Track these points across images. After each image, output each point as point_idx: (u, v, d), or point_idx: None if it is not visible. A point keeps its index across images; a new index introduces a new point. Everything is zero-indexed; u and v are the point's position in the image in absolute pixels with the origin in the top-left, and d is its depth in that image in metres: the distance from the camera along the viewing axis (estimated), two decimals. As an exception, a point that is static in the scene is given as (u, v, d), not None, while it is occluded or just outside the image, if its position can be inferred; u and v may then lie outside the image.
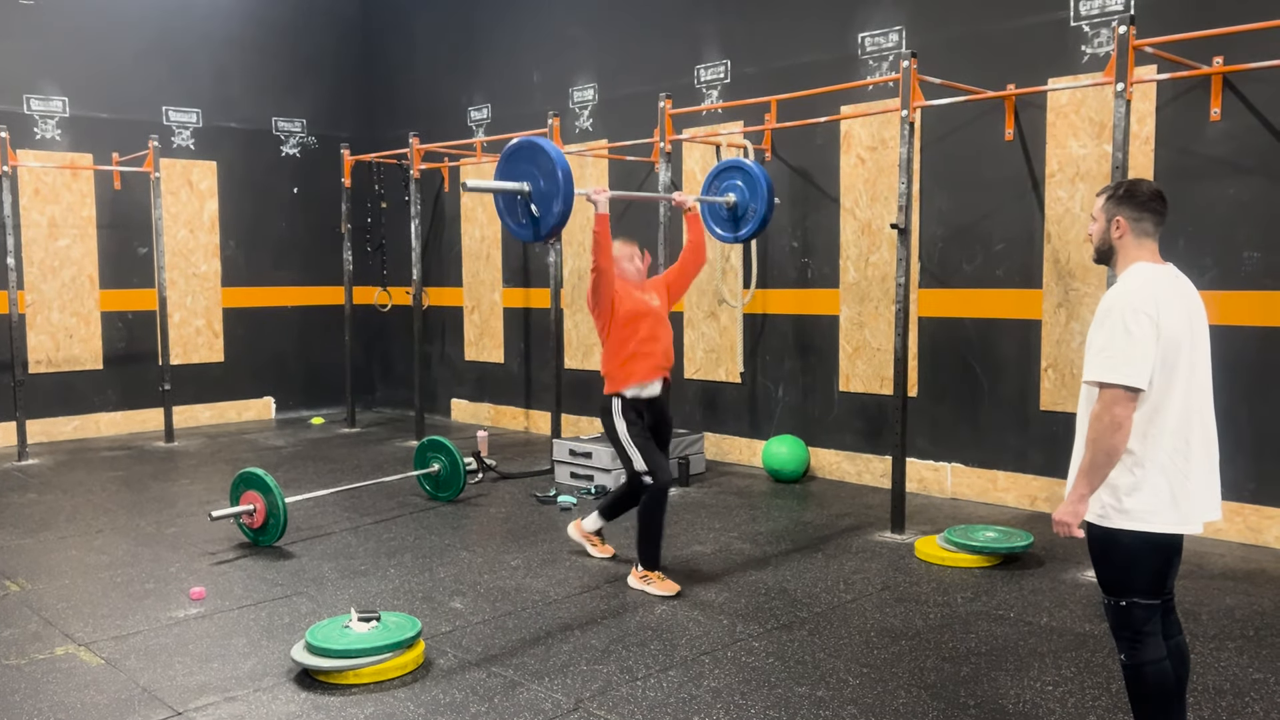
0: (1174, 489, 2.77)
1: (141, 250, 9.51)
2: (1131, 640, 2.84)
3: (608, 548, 5.33)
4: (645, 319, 4.90)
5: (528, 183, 4.31)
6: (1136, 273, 2.84)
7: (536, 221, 4.33)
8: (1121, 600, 2.83)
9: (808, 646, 4.10)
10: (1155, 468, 2.76)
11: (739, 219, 5.49)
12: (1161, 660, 2.84)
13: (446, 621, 4.44)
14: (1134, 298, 2.75)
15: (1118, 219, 2.88)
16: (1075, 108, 5.99)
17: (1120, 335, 2.71)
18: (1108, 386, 2.70)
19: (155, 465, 8.09)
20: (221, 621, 4.49)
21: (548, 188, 4.24)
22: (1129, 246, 2.88)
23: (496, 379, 9.91)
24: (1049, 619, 4.39)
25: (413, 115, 10.18)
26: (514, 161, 4.40)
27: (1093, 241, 2.96)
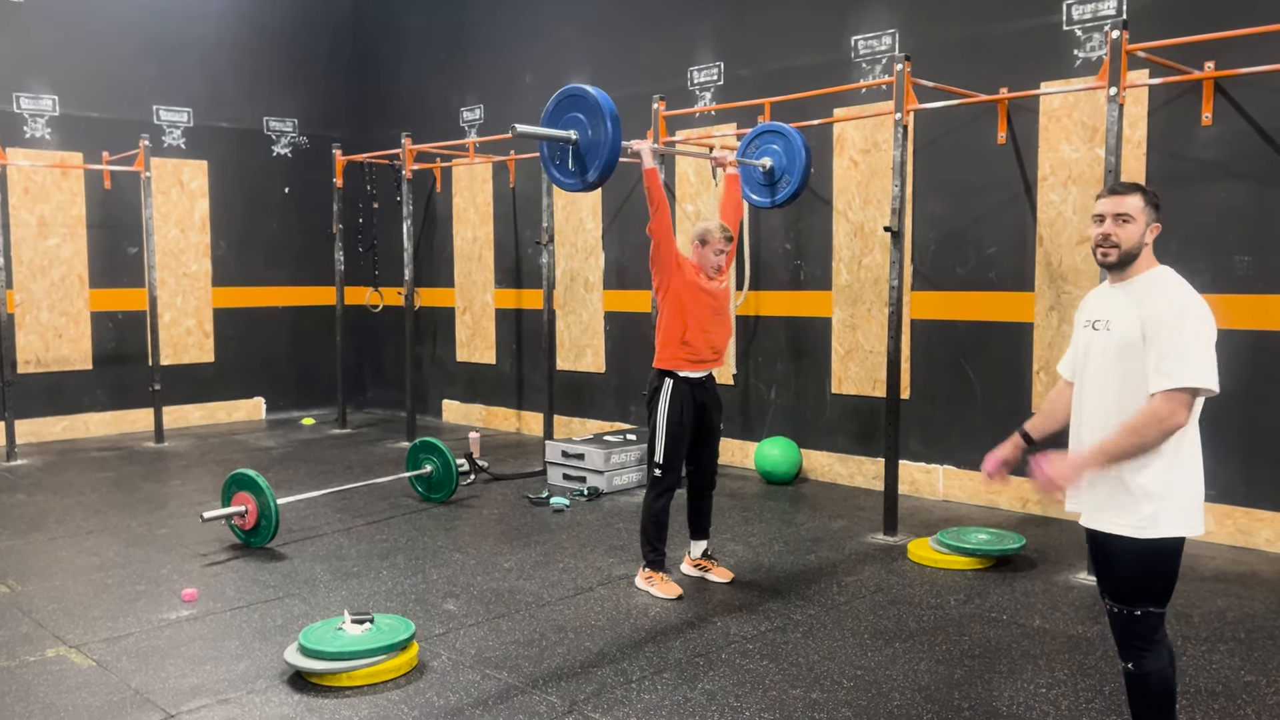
0: (1199, 494, 2.83)
1: (132, 250, 9.47)
2: (1141, 649, 2.83)
3: (724, 571, 5.03)
4: (706, 310, 4.79)
5: (575, 130, 4.19)
6: (1176, 276, 2.85)
7: (585, 170, 4.20)
8: (1137, 610, 2.82)
9: (802, 649, 4.11)
10: (1188, 474, 2.80)
11: (775, 183, 5.42)
12: (1166, 667, 2.85)
13: (440, 623, 4.43)
14: (1199, 302, 2.75)
15: (1155, 225, 2.89)
16: (1068, 111, 6.02)
17: (1200, 338, 2.72)
18: (1186, 390, 2.69)
19: (145, 466, 8.06)
20: (214, 623, 4.47)
21: (595, 136, 4.11)
22: (1149, 253, 2.89)
23: (488, 380, 9.90)
24: (1042, 621, 4.40)
25: (405, 115, 10.16)
26: (560, 110, 4.27)
27: (1121, 242, 2.84)
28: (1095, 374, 2.89)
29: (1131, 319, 2.80)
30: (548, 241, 7.69)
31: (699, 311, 4.78)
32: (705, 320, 4.80)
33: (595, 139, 4.15)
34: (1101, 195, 2.92)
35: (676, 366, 4.83)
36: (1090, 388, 2.91)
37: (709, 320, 4.82)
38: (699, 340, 4.80)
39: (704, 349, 4.82)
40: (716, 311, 4.87)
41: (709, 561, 5.06)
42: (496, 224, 9.63)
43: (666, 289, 4.76)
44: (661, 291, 4.79)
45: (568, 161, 4.28)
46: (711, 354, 4.87)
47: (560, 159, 4.32)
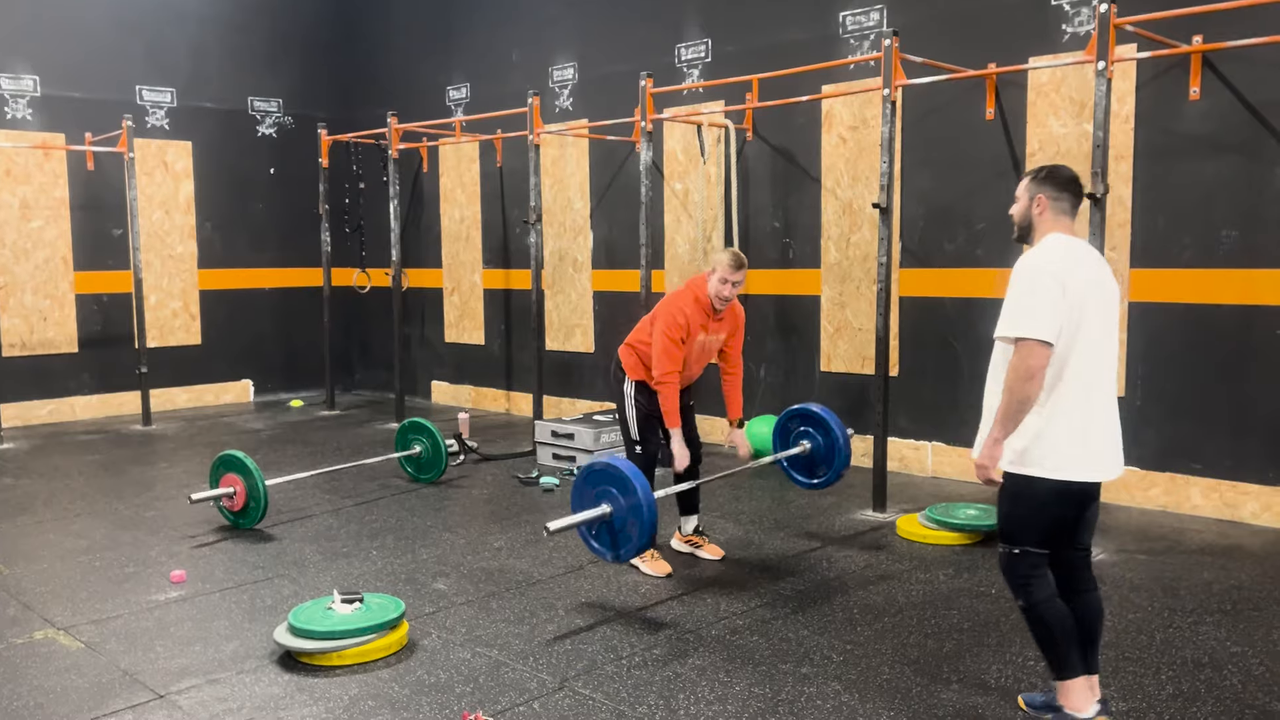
0: (1078, 440, 3.00)
1: (116, 232, 9.39)
2: (1022, 584, 3.09)
3: (715, 548, 5.03)
4: (691, 357, 4.86)
5: (608, 505, 4.21)
6: (1050, 241, 3.09)
7: (619, 544, 4.23)
8: (1015, 549, 3.09)
9: (791, 624, 4.12)
10: (1062, 419, 2.98)
11: (814, 468, 5.30)
12: (1053, 597, 3.08)
13: (430, 603, 4.42)
14: (1044, 262, 3.00)
15: (1039, 197, 3.13)
16: (1056, 87, 6.00)
17: (1030, 294, 2.95)
18: (1022, 340, 2.92)
19: (133, 449, 8.02)
20: (203, 604, 4.45)
21: (630, 505, 4.14)
22: (1047, 222, 3.14)
23: (477, 361, 9.87)
24: (1030, 595, 4.42)
25: (391, 95, 10.07)
26: (590, 482, 4.29)
27: (1014, 215, 3.22)
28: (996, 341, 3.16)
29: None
30: (535, 221, 7.65)
31: (690, 362, 4.87)
32: (687, 361, 4.86)
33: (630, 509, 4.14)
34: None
35: (644, 380, 4.89)
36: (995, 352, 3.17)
37: (690, 362, 4.89)
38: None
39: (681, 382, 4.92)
40: (701, 357, 4.94)
41: (700, 538, 5.07)
42: (484, 203, 9.59)
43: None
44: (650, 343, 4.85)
45: (604, 534, 4.29)
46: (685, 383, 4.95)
47: (596, 531, 4.32)
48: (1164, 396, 5.76)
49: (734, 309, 4.95)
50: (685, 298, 4.77)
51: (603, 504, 4.23)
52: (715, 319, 4.83)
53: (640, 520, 4.11)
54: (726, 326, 4.92)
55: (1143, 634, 3.98)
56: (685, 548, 5.06)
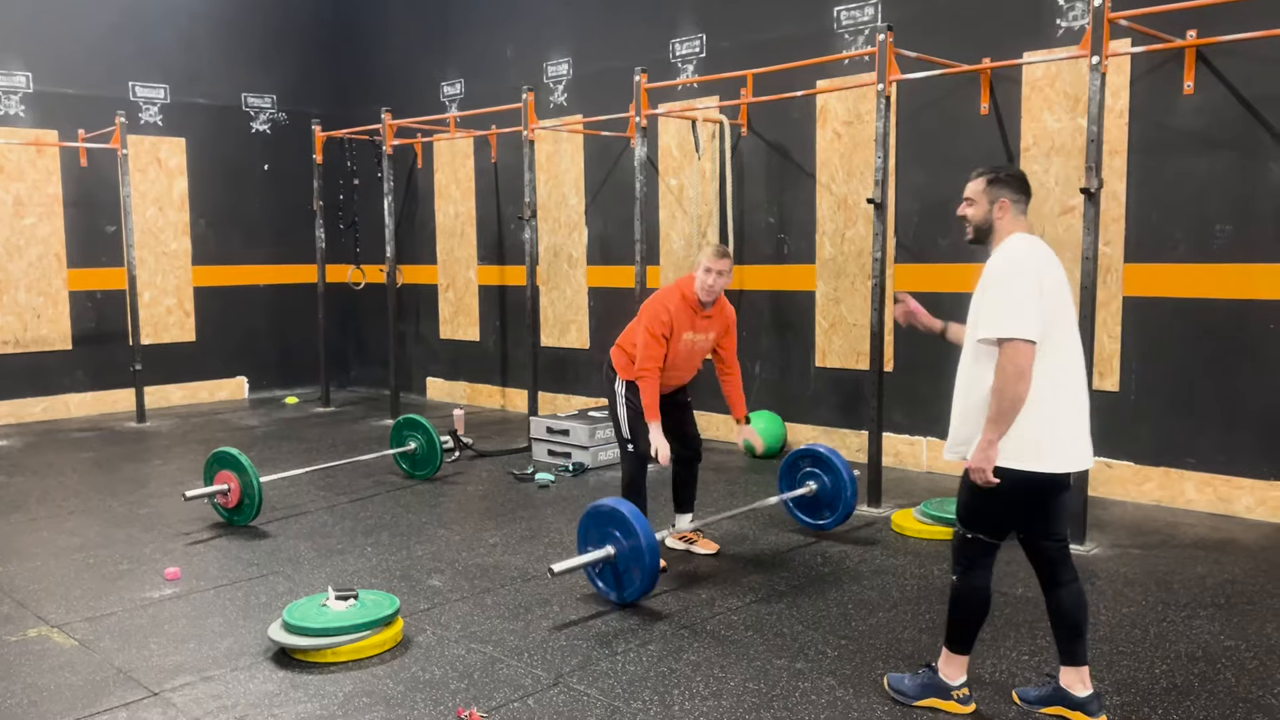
0: (1045, 433, 3.04)
1: (110, 229, 9.37)
2: (965, 566, 3.21)
3: (709, 543, 5.05)
4: (680, 357, 4.81)
5: (611, 546, 4.24)
6: (1018, 242, 3.14)
7: (624, 583, 4.26)
8: (969, 533, 3.19)
9: (786, 619, 4.12)
10: (1031, 413, 3.02)
11: (819, 509, 5.27)
12: (985, 589, 3.22)
13: (425, 599, 4.42)
14: (1021, 263, 3.05)
15: (1003, 200, 3.18)
16: (1050, 82, 6.00)
17: (1013, 294, 3.00)
18: (1008, 341, 2.97)
19: (127, 446, 8.01)
20: (197, 602, 4.45)
21: (632, 547, 4.17)
22: (1008, 223, 3.18)
23: (472, 357, 9.86)
24: (1024, 590, 4.42)
25: (385, 91, 10.06)
26: (595, 523, 4.33)
27: (970, 221, 3.24)
28: (966, 333, 3.24)
29: (980, 284, 3.16)
30: (530, 217, 7.65)
31: (673, 356, 4.78)
32: (675, 362, 4.80)
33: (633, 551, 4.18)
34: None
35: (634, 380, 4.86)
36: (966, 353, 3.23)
37: (679, 363, 4.83)
38: (665, 378, 4.82)
39: (669, 386, 4.89)
40: (690, 358, 4.88)
41: (694, 534, 5.06)
42: (479, 199, 9.57)
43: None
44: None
45: (608, 574, 4.33)
46: (667, 390, 4.90)
47: (600, 570, 4.36)
48: (1158, 391, 5.77)
49: (723, 309, 4.90)
50: (671, 295, 4.75)
51: (607, 545, 4.25)
52: (703, 316, 4.77)
53: (642, 565, 4.14)
54: (716, 326, 4.86)
55: (1137, 628, 3.98)
56: (680, 545, 5.06)
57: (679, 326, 4.73)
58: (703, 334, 4.83)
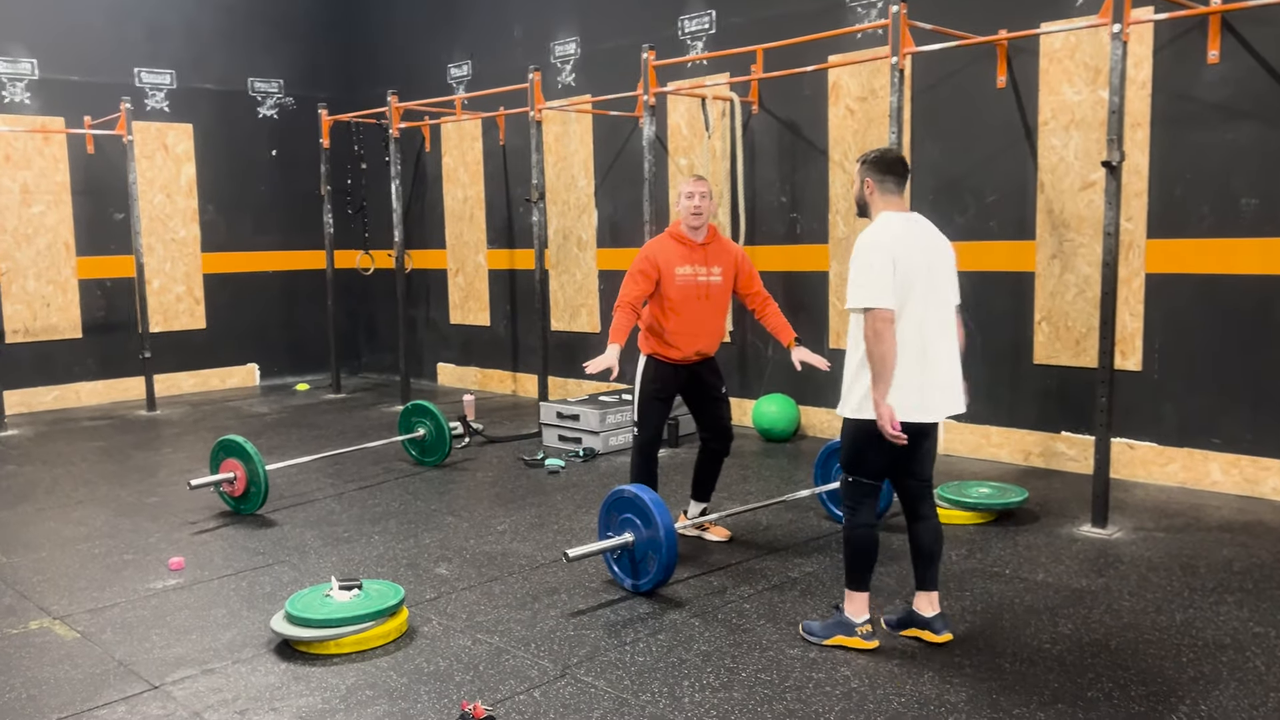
0: (910, 388, 3.42)
1: (118, 216, 9.31)
2: (851, 507, 3.60)
3: (721, 530, 4.94)
4: (690, 304, 4.58)
5: (630, 533, 4.16)
6: (881, 220, 3.53)
7: (640, 571, 4.17)
8: (850, 477, 3.60)
9: (799, 608, 4.02)
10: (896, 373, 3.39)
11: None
12: (871, 526, 3.60)
13: (431, 588, 4.34)
14: (875, 239, 3.43)
15: (867, 180, 3.56)
16: (1069, 53, 5.83)
17: (869, 268, 3.39)
18: (867, 310, 3.37)
19: (137, 434, 7.96)
20: (201, 592, 4.38)
21: (651, 536, 4.08)
22: (876, 202, 3.57)
23: (482, 342, 9.78)
24: (1045, 575, 4.31)
25: (391, 74, 9.95)
26: (615, 508, 4.24)
27: (855, 198, 3.64)
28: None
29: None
30: (538, 199, 7.53)
31: (676, 298, 4.58)
32: (683, 305, 4.58)
33: (650, 538, 4.09)
34: None
35: (654, 353, 4.73)
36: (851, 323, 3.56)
37: (689, 307, 4.59)
38: (681, 340, 4.65)
39: (687, 350, 4.68)
40: (704, 300, 4.61)
41: (706, 520, 4.96)
42: (487, 182, 9.46)
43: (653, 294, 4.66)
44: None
45: (625, 561, 4.25)
46: (696, 356, 4.71)
47: (618, 556, 4.28)
48: (1181, 370, 5.62)
49: (726, 245, 4.72)
50: (660, 235, 4.72)
51: (625, 532, 4.17)
52: (700, 249, 4.60)
53: (660, 555, 4.04)
54: (721, 262, 4.65)
55: (1162, 614, 3.86)
56: (692, 531, 4.96)
57: (668, 261, 4.57)
58: (704, 269, 4.61)
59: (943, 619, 3.65)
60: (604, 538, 4.28)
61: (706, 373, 4.79)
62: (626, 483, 4.74)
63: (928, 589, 3.65)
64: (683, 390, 4.80)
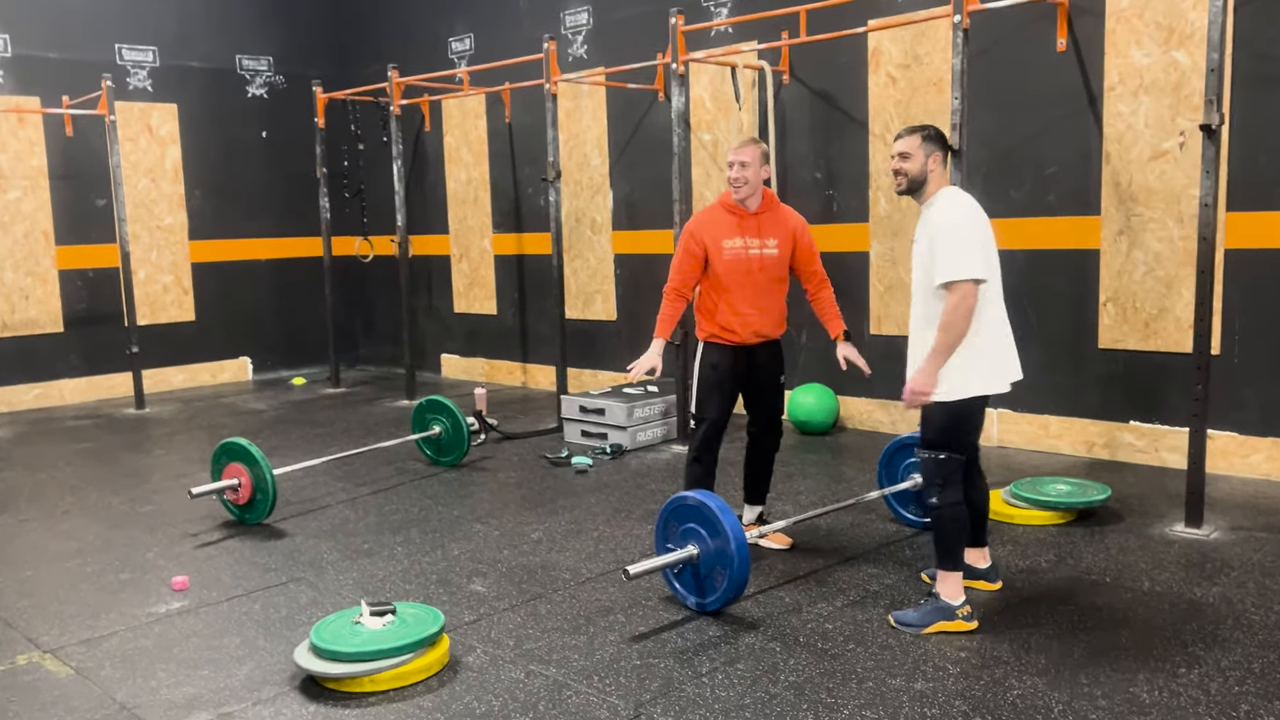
0: (998, 362, 3.55)
1: (100, 202, 8.76)
2: (941, 485, 3.53)
3: (782, 537, 4.46)
4: (741, 280, 4.17)
5: (694, 545, 3.71)
6: (955, 194, 3.57)
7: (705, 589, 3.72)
8: (941, 454, 3.53)
9: (884, 625, 3.58)
10: (988, 349, 3.50)
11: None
12: (962, 502, 3.56)
13: (469, 609, 3.88)
14: (963, 213, 3.47)
15: (936, 154, 3.55)
16: (1138, 11, 5.39)
17: (965, 241, 3.39)
18: (958, 283, 3.35)
19: (126, 435, 7.45)
20: (209, 617, 3.91)
21: (718, 549, 3.63)
22: (938, 178, 3.57)
23: (489, 332, 9.29)
24: (1151, 583, 3.89)
25: (389, 48, 9.40)
26: (676, 517, 3.79)
27: (907, 174, 3.56)
28: (915, 283, 3.62)
29: (922, 232, 3.53)
30: (555, 178, 7.04)
31: (736, 286, 4.19)
32: (734, 280, 4.18)
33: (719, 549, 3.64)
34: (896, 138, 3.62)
35: (711, 337, 4.31)
36: (913, 293, 3.64)
37: (739, 281, 4.18)
38: (735, 322, 4.23)
39: (744, 332, 4.24)
40: (751, 274, 4.18)
41: (762, 525, 4.52)
42: (492, 163, 8.96)
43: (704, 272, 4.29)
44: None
45: (689, 576, 3.81)
46: (756, 338, 4.27)
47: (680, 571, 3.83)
48: (1264, 353, 5.21)
49: (784, 214, 4.30)
50: (710, 205, 4.34)
51: (689, 544, 3.73)
52: (752, 219, 4.20)
53: (730, 570, 3.59)
54: (775, 232, 4.23)
55: (1297, 629, 3.45)
56: (749, 536, 4.50)
57: (715, 234, 4.18)
58: (756, 240, 4.19)
59: (995, 569, 3.86)
60: (663, 550, 3.83)
61: (767, 358, 4.36)
62: (661, 482, 4.31)
63: (981, 544, 3.83)
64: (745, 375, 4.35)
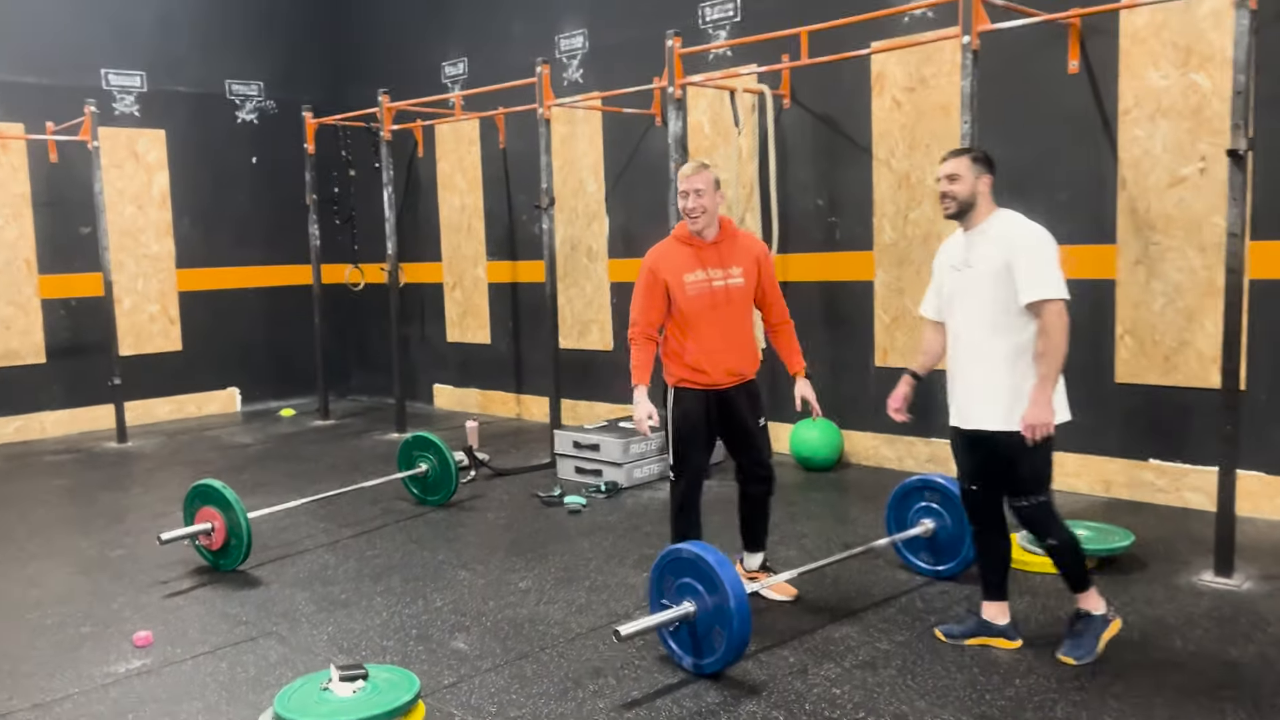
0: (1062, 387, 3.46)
1: (84, 230, 8.53)
2: (1056, 522, 3.47)
3: (786, 587, 4.15)
4: (708, 315, 3.92)
5: (690, 602, 3.45)
6: (1015, 215, 3.47)
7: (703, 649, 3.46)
8: (1042, 495, 3.45)
9: (902, 691, 3.31)
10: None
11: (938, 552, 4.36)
12: (1069, 529, 3.52)
13: (450, 669, 3.61)
14: (1040, 231, 3.40)
15: (985, 178, 3.46)
16: (1154, 32, 5.18)
17: (1051, 259, 3.34)
18: (1054, 301, 3.29)
19: (105, 471, 7.20)
20: (171, 678, 3.64)
21: (716, 606, 3.37)
22: (988, 200, 3.48)
23: (483, 362, 9.05)
24: (1184, 642, 3.62)
25: (381, 74, 9.19)
26: (671, 571, 3.54)
27: (957, 197, 3.45)
28: (967, 309, 3.48)
29: (992, 255, 3.39)
30: (548, 205, 6.82)
31: (704, 323, 3.93)
32: (698, 317, 3.92)
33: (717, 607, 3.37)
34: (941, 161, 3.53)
35: (681, 382, 4.03)
36: (962, 321, 3.50)
37: (704, 318, 3.93)
38: (706, 361, 3.97)
39: (717, 372, 3.98)
40: (717, 308, 3.92)
41: (764, 574, 4.25)
42: (486, 189, 8.75)
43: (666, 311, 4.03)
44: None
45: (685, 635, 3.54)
46: (730, 378, 4.01)
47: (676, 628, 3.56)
48: (1291, 389, 4.96)
49: (744, 241, 4.04)
50: (663, 240, 4.09)
51: (685, 600, 3.46)
52: (711, 249, 3.93)
53: (729, 629, 3.32)
54: (739, 261, 3.97)
55: (1346, 695, 3.17)
56: (750, 587, 4.24)
57: (675, 268, 3.92)
58: (719, 271, 3.93)
59: (1014, 626, 3.66)
60: (657, 607, 3.56)
61: (742, 398, 4.06)
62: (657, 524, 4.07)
63: (1004, 599, 3.66)
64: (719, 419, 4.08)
